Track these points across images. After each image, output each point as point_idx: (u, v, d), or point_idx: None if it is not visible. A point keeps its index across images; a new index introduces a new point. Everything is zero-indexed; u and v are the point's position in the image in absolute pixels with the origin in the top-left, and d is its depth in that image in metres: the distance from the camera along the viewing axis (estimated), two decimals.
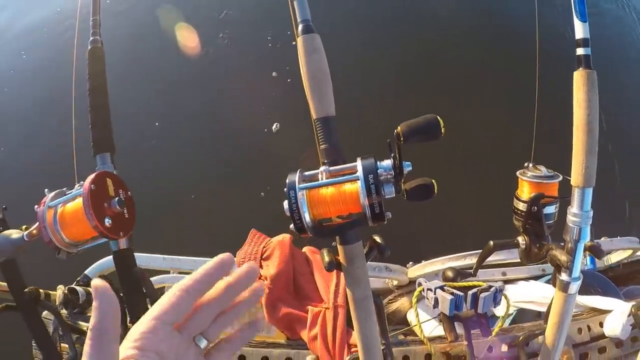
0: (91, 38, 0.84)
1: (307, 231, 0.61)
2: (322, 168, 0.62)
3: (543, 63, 0.99)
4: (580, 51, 0.74)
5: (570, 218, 0.76)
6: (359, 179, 0.58)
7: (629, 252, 1.46)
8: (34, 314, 0.90)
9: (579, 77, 0.73)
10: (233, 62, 2.75)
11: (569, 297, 0.80)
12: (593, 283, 1.41)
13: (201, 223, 2.22)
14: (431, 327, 1.25)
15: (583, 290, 1.28)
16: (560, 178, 0.88)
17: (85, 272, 1.19)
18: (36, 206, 0.71)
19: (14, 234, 0.75)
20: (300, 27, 0.68)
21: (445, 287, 0.82)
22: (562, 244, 0.83)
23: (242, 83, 2.55)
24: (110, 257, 1.18)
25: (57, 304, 1.08)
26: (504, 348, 0.99)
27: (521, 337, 0.96)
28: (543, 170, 0.89)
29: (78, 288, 1.12)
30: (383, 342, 0.83)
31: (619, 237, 1.38)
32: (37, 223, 0.70)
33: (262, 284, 1.03)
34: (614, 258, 1.54)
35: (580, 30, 0.75)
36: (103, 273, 1.19)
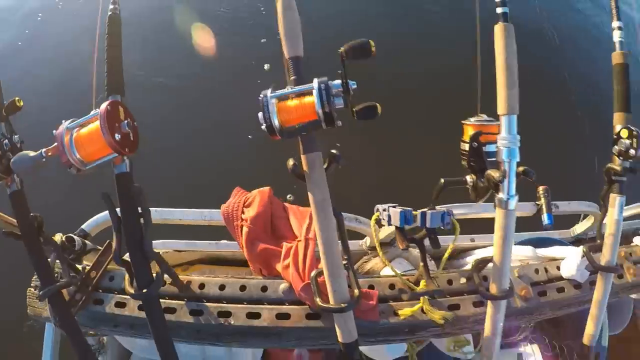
0: (111, 6, 1.06)
1: (276, 133, 0.81)
2: (288, 86, 0.83)
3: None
4: (499, 10, 0.97)
5: (500, 142, 0.96)
6: (314, 90, 0.79)
7: (592, 220, 1.65)
8: (36, 241, 1.06)
9: (498, 29, 0.96)
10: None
11: (508, 212, 0.98)
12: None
13: (191, 171, 2.69)
14: None
15: None
16: (500, 122, 1.08)
17: (82, 226, 1.36)
18: (54, 130, 0.90)
19: (32, 153, 0.94)
20: None
21: (396, 206, 1.01)
22: None
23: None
24: (104, 213, 1.37)
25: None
26: (462, 280, 1.16)
27: (474, 263, 1.13)
28: (484, 116, 1.10)
29: (75, 237, 1.29)
30: (345, 257, 1.00)
31: (577, 201, 1.57)
32: (55, 144, 0.89)
33: None
34: (579, 228, 1.72)
35: None
36: (99, 227, 1.36)
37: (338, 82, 0.81)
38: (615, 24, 1.31)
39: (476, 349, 1.45)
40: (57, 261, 1.14)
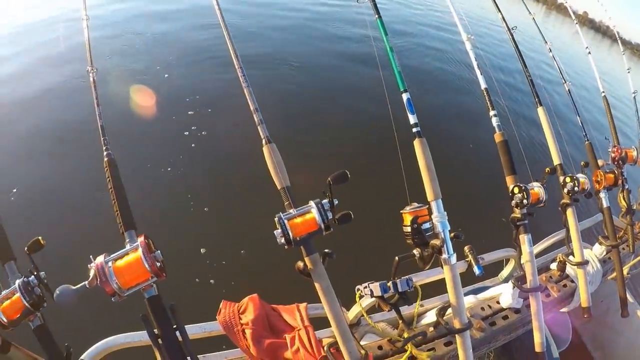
0: (105, 153, 1.62)
1: (291, 243, 1.46)
2: (292, 210, 1.51)
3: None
4: (414, 129, 1.80)
5: (434, 219, 1.73)
6: (313, 209, 1.49)
7: (513, 263, 2.55)
8: None
9: (417, 143, 1.78)
10: None
11: (453, 267, 1.72)
12: None
13: None
14: None
15: None
16: (427, 205, 1.88)
17: (82, 357, 1.74)
18: (90, 264, 1.36)
19: (72, 286, 1.39)
20: (264, 140, 1.62)
21: (373, 282, 1.71)
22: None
23: None
24: (102, 341, 1.81)
25: None
26: (431, 329, 1.88)
27: (437, 309, 1.86)
28: (415, 204, 1.88)
29: None
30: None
31: (497, 250, 2.46)
32: (93, 275, 1.37)
33: None
34: (505, 272, 2.61)
35: (412, 118, 1.82)
36: (99, 355, 1.77)
37: (326, 201, 1.52)
38: (492, 112, 2.27)
39: None
40: None
